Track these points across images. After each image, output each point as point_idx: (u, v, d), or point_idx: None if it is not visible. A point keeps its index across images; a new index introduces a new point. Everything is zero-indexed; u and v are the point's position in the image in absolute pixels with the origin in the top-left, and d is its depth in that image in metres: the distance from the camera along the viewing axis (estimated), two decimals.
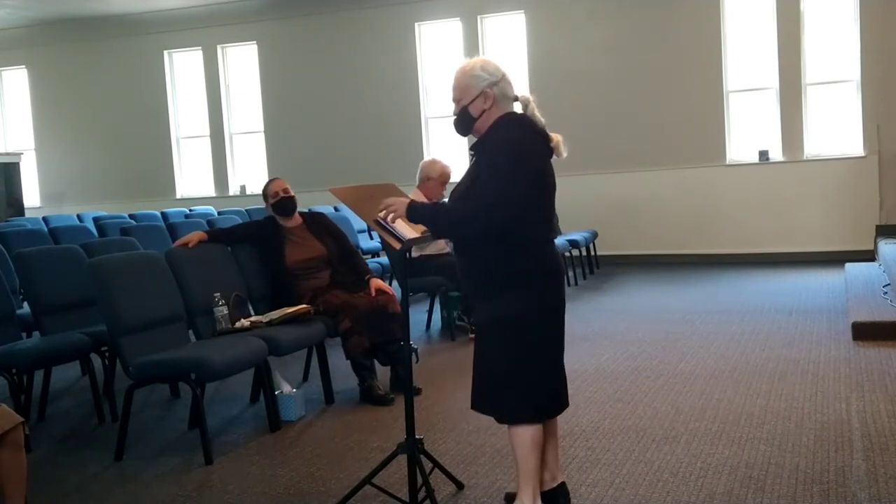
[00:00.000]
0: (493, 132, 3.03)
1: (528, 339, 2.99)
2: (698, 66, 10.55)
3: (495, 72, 3.05)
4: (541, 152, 3.02)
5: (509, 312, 2.98)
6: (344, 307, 4.97)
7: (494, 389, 3.06)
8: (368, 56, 12.05)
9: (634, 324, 6.89)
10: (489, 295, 3.02)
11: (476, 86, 3.03)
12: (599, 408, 4.60)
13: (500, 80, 3.03)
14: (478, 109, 3.05)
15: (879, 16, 9.82)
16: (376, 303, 5.03)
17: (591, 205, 10.72)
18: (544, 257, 3.03)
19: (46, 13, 13.02)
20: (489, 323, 3.06)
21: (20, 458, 3.04)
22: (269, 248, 5.25)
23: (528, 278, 2.98)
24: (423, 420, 4.33)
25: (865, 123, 9.95)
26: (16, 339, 4.92)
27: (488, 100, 3.03)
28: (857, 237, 9.88)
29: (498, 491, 3.48)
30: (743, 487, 3.39)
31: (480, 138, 3.09)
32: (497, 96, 3.03)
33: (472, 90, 3.04)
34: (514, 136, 2.97)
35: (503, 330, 3.00)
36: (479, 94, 3.03)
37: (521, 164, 2.91)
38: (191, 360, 4.18)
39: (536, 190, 2.96)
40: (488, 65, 3.07)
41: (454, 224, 3.01)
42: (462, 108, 3.08)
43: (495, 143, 2.98)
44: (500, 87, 3.03)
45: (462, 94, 3.07)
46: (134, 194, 13.21)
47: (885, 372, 4.96)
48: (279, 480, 3.79)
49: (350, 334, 4.93)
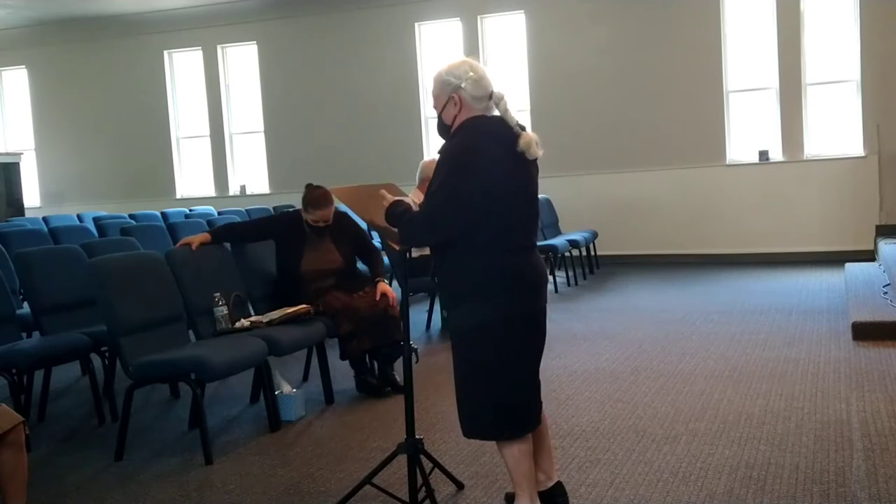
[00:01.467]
0: (452, 137, 2.96)
1: (491, 351, 2.90)
2: (698, 66, 10.55)
3: (461, 74, 2.92)
4: (497, 158, 2.86)
5: (475, 321, 2.91)
6: (344, 310, 4.96)
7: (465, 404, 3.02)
8: (368, 56, 12.05)
9: (634, 324, 6.89)
10: (457, 303, 2.98)
11: (445, 91, 2.96)
12: (599, 408, 4.60)
13: (465, 81, 2.90)
14: (450, 116, 2.97)
15: (879, 16, 9.81)
16: (377, 306, 5.03)
17: (591, 205, 10.72)
18: (514, 265, 2.90)
19: (46, 13, 13.01)
20: (456, 332, 3.03)
21: (21, 458, 3.04)
22: (289, 247, 5.21)
23: (494, 287, 2.87)
24: (423, 420, 4.33)
25: (865, 123, 9.95)
26: (16, 339, 4.92)
27: (456, 105, 2.94)
28: (857, 237, 9.88)
29: (498, 491, 3.49)
30: (743, 487, 3.39)
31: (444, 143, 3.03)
32: (465, 99, 2.92)
33: (442, 96, 2.97)
34: (466, 145, 2.87)
35: (469, 339, 2.95)
36: (448, 99, 2.95)
37: (462, 169, 2.82)
38: (191, 360, 4.18)
39: (490, 198, 2.82)
40: (455, 67, 2.96)
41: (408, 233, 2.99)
42: (438, 116, 3.03)
43: (446, 151, 2.93)
44: (467, 90, 2.91)
45: (436, 101, 3.01)
46: (134, 194, 13.20)
47: (885, 372, 4.96)
48: (279, 480, 3.79)
49: (350, 338, 4.95)
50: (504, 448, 2.99)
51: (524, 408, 2.99)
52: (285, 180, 12.41)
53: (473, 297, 2.90)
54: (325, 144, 12.26)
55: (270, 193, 12.53)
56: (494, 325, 2.89)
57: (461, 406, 3.03)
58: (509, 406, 2.96)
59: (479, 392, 2.95)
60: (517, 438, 2.96)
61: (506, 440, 2.97)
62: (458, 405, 3.05)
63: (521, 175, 2.93)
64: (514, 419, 2.96)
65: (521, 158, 2.90)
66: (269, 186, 12.80)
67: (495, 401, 2.94)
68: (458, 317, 2.98)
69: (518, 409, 2.98)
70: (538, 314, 3.01)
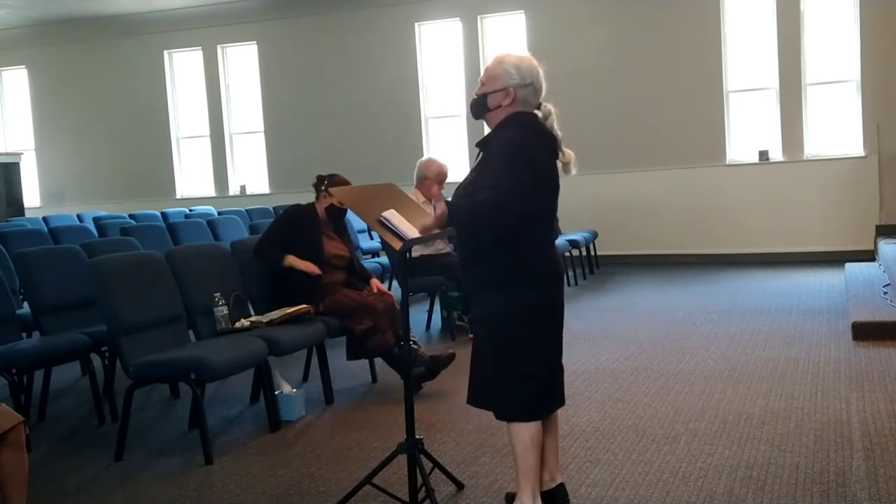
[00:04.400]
0: (499, 130, 3.04)
1: (521, 337, 3.00)
2: (698, 66, 10.55)
3: (527, 76, 3.02)
4: (544, 153, 3.03)
5: (504, 309, 3.00)
6: (360, 308, 5.01)
7: (487, 385, 3.09)
8: (368, 56, 12.06)
9: (634, 324, 6.89)
10: (486, 291, 3.05)
11: (503, 80, 3.03)
12: (599, 408, 4.60)
13: (527, 85, 3.02)
14: (495, 102, 3.05)
15: (879, 16, 9.82)
16: (385, 302, 5.11)
17: (591, 205, 10.72)
18: (542, 258, 3.05)
19: (46, 13, 13.02)
20: (484, 318, 3.10)
21: (21, 458, 3.04)
22: (309, 234, 5.22)
23: (525, 278, 2.99)
24: (423, 420, 4.33)
25: (865, 123, 9.95)
26: (16, 339, 4.92)
27: (508, 97, 3.03)
28: (857, 237, 9.88)
29: (498, 491, 3.48)
30: (743, 487, 3.39)
31: (487, 136, 3.11)
32: (518, 98, 3.03)
33: (498, 82, 3.04)
34: (517, 137, 2.97)
35: (497, 326, 3.03)
36: (502, 88, 3.03)
37: (524, 161, 2.92)
38: (191, 360, 4.18)
39: (537, 189, 2.97)
40: (525, 67, 3.04)
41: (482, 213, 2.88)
42: (482, 94, 3.08)
43: (501, 142, 2.99)
44: (524, 92, 3.03)
45: (488, 80, 3.07)
46: (134, 194, 13.21)
47: (885, 372, 4.96)
48: (279, 480, 3.79)
49: (372, 333, 4.97)
50: (515, 434, 3.02)
51: (542, 393, 3.08)
52: (285, 180, 12.42)
53: (508, 286, 2.99)
54: (325, 144, 12.26)
55: (270, 193, 12.54)
56: (534, 310, 3.01)
57: (499, 390, 3.06)
58: (548, 384, 3.08)
59: (522, 374, 3.02)
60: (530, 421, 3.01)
61: (522, 421, 3.00)
62: (492, 389, 3.07)
63: (555, 174, 3.11)
64: (549, 396, 3.09)
65: (555, 157, 3.08)
66: (269, 186, 12.80)
67: (537, 380, 3.04)
68: (497, 303, 3.02)
69: (554, 387, 3.11)
70: (562, 304, 3.14)
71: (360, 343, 5.02)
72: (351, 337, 5.05)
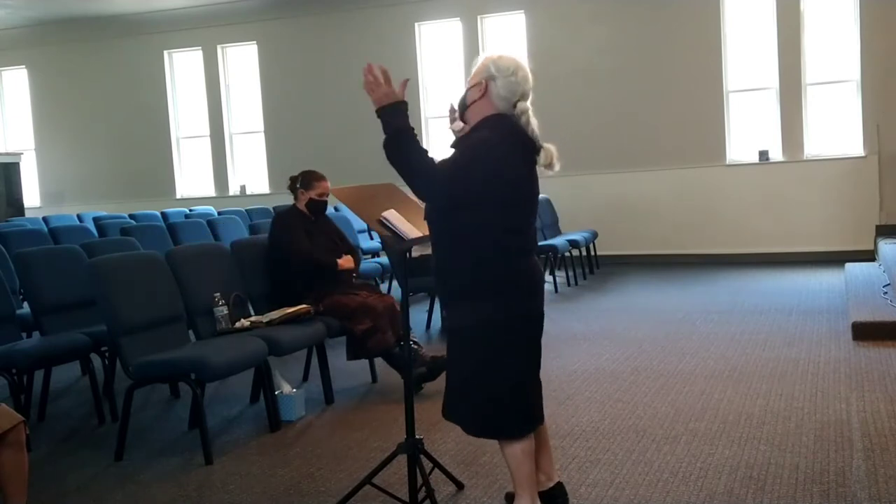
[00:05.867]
0: (474, 130, 2.99)
1: (484, 359, 2.92)
2: (698, 66, 10.55)
3: (502, 70, 2.96)
4: (516, 163, 2.92)
5: (468, 322, 2.93)
6: (360, 308, 5.03)
7: (454, 399, 3.03)
8: (368, 56, 11.75)
9: (634, 324, 6.89)
10: (453, 300, 3.00)
11: (480, 74, 3.00)
12: (599, 408, 4.60)
13: (501, 78, 2.94)
14: (472, 97, 3.03)
15: (879, 16, 9.81)
16: (385, 302, 5.14)
17: (591, 205, 10.73)
18: (516, 267, 2.93)
19: (46, 13, 13.01)
20: (452, 329, 3.04)
21: (21, 458, 3.04)
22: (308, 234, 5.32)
23: (496, 287, 2.89)
24: (423, 420, 4.32)
25: (865, 123, 9.95)
26: (16, 339, 4.92)
27: (481, 91, 2.98)
28: (857, 237, 9.88)
29: (498, 491, 3.49)
30: (743, 487, 3.39)
31: (461, 137, 3.06)
32: (492, 91, 2.96)
33: (476, 77, 3.01)
34: (491, 139, 2.90)
35: (463, 339, 2.97)
36: (477, 83, 3.00)
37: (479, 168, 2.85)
38: (191, 360, 4.18)
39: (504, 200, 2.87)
40: (502, 61, 2.98)
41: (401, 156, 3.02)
42: (465, 90, 3.07)
43: (471, 142, 2.95)
44: (498, 84, 2.94)
45: (472, 77, 3.05)
46: (134, 194, 13.20)
47: (885, 372, 4.96)
48: (279, 480, 3.79)
49: (372, 333, 4.98)
50: (507, 448, 2.99)
51: (529, 405, 3.00)
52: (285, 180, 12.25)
53: (478, 295, 2.91)
54: (325, 144, 12.25)
55: (270, 193, 12.53)
56: (500, 324, 2.91)
57: (463, 403, 3.01)
58: (515, 404, 2.97)
59: (485, 390, 2.95)
60: (521, 437, 2.96)
61: (510, 438, 2.96)
62: (458, 402, 3.03)
63: (533, 181, 3.00)
64: (520, 416, 2.98)
65: (532, 164, 2.97)
66: (269, 186, 12.79)
67: (502, 399, 2.94)
68: (462, 314, 2.96)
69: (524, 407, 2.99)
70: (540, 316, 3.04)
71: (360, 343, 5.03)
72: (351, 337, 5.05)
